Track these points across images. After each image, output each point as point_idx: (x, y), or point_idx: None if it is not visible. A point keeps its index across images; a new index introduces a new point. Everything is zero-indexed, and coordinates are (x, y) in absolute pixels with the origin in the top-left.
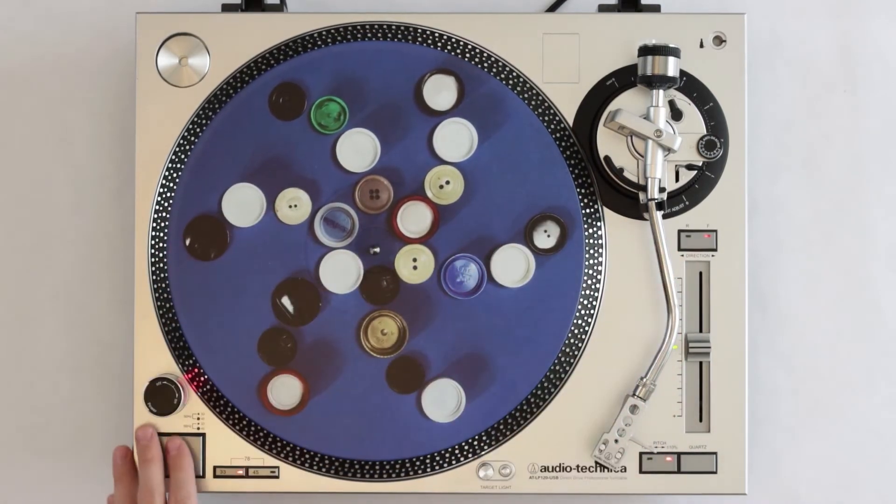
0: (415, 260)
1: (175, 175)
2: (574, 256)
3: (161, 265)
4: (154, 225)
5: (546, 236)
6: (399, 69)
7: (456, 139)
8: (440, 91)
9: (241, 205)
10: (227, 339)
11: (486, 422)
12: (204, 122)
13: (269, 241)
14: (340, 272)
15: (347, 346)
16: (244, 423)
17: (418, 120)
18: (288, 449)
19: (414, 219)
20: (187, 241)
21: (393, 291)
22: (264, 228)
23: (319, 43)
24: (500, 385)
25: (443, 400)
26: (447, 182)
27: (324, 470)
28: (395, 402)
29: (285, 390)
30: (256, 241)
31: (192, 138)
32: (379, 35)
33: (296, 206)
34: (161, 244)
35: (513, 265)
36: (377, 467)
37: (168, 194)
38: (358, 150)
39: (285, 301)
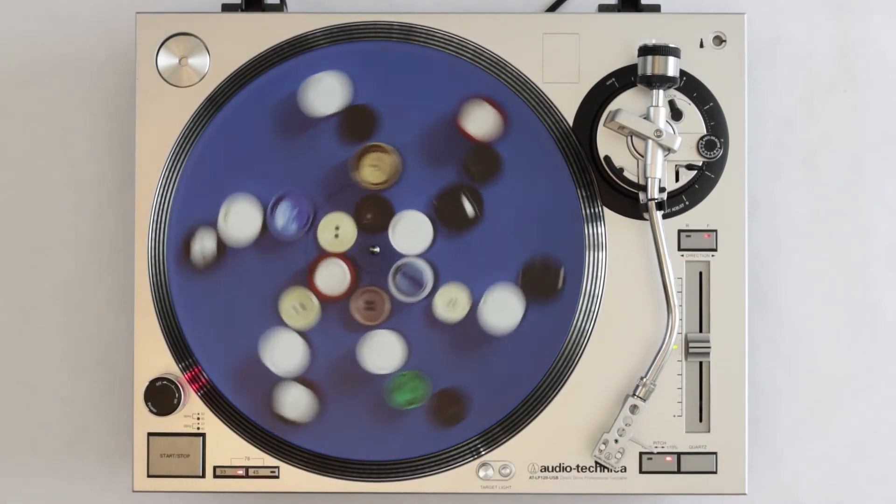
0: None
1: (175, 175)
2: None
3: (161, 265)
4: (154, 225)
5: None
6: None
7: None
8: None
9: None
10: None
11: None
12: (204, 122)
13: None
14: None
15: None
16: (244, 423)
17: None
18: (288, 449)
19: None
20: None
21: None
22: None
23: (322, 41)
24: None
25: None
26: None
27: (324, 470)
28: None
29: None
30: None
31: (192, 138)
32: (380, 35)
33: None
34: (161, 244)
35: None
36: (377, 467)
37: (168, 194)
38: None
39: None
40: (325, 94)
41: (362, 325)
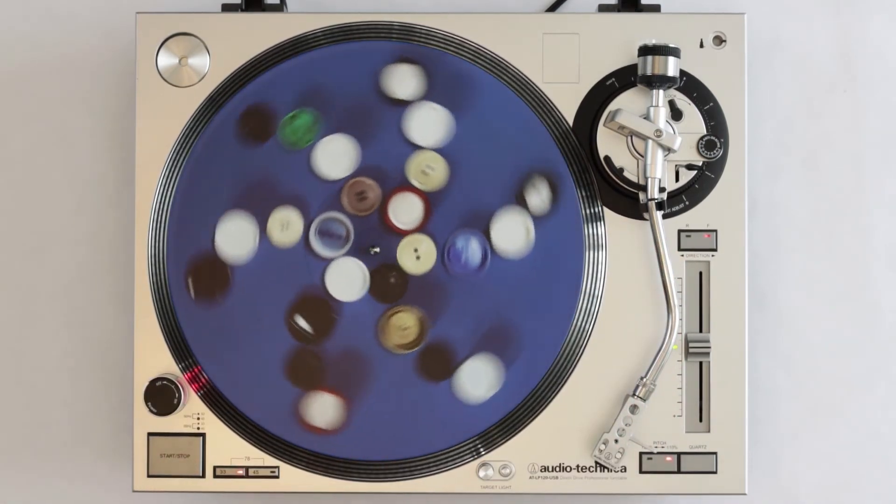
0: (416, 250)
1: (175, 175)
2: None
3: (161, 265)
4: (154, 225)
5: (538, 197)
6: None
7: (429, 124)
8: (404, 80)
9: (235, 236)
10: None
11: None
12: (204, 122)
13: (270, 268)
14: (346, 279)
15: (371, 350)
16: (244, 423)
17: (385, 111)
18: (288, 449)
19: (405, 209)
20: (189, 282)
21: (402, 286)
22: (263, 256)
23: (322, 41)
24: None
25: (477, 378)
26: (430, 168)
27: (324, 470)
28: (425, 394)
29: (323, 410)
30: (257, 271)
31: (192, 138)
32: (380, 35)
33: (287, 226)
34: (161, 244)
35: (513, 232)
36: (377, 467)
37: (168, 194)
38: (335, 156)
39: (300, 320)
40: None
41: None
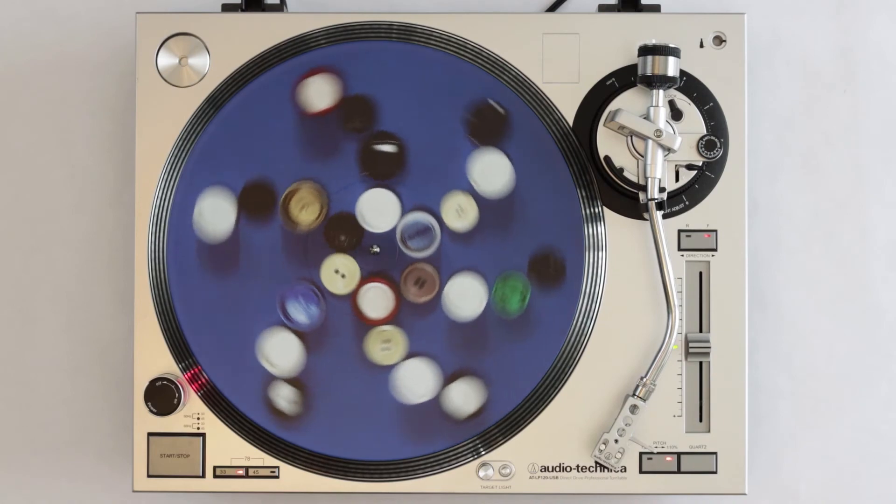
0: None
1: (175, 175)
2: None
3: (161, 265)
4: (154, 225)
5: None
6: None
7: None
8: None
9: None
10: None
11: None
12: (204, 122)
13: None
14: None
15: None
16: (244, 423)
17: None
18: (288, 449)
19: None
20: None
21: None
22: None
23: (322, 41)
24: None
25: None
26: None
27: (324, 470)
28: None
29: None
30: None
31: (192, 138)
32: (380, 35)
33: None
34: (161, 244)
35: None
36: (377, 467)
37: (168, 194)
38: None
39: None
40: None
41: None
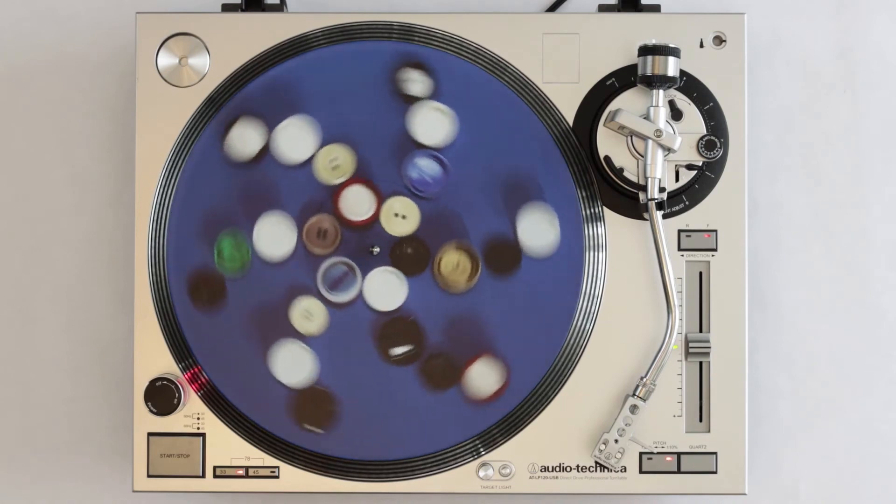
0: (396, 215)
1: (175, 175)
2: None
3: (161, 265)
4: (154, 225)
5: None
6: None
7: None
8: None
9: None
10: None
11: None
12: (204, 122)
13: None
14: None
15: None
16: (244, 423)
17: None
18: (288, 449)
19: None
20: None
21: (421, 254)
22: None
23: (322, 41)
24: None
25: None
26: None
27: (323, 470)
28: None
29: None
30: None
31: (192, 138)
32: (380, 35)
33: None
34: (161, 244)
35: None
36: (377, 467)
37: (168, 194)
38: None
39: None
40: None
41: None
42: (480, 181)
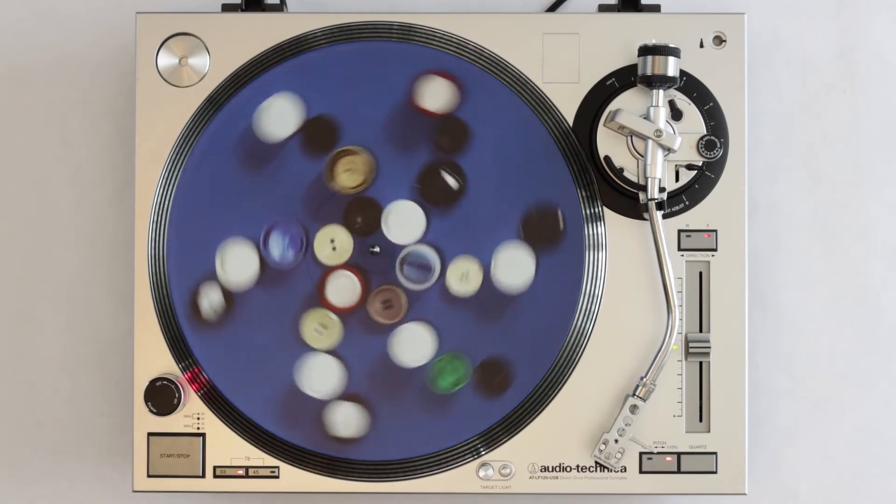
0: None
1: (175, 175)
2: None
3: (161, 265)
4: (154, 225)
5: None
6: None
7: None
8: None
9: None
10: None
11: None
12: (204, 122)
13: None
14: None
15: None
16: (244, 423)
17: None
18: (288, 449)
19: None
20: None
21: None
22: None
23: (322, 41)
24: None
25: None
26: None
27: (324, 470)
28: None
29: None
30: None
31: (192, 138)
32: (380, 35)
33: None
34: (161, 244)
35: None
36: (377, 467)
37: (168, 194)
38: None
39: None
40: (279, 117)
41: (386, 326)
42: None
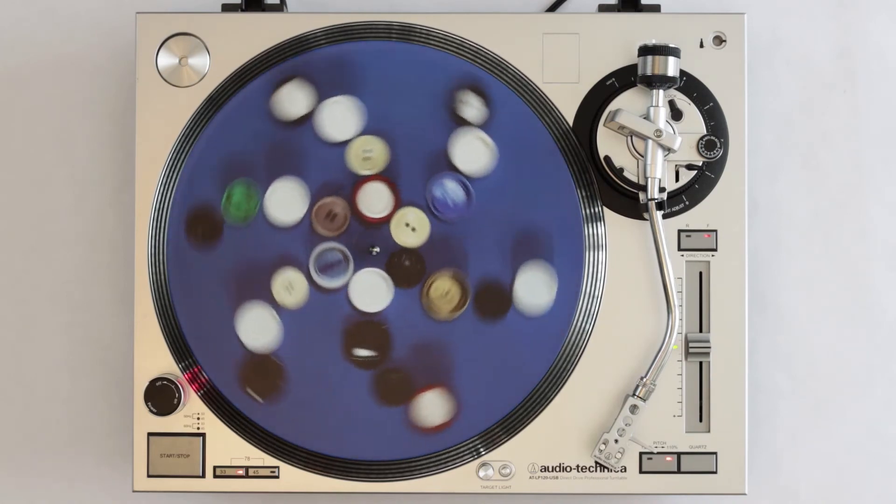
0: (407, 225)
1: (175, 175)
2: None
3: (161, 265)
4: (154, 225)
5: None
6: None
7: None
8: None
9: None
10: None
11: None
12: (204, 122)
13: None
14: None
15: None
16: (244, 423)
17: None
18: (288, 449)
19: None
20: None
21: (418, 266)
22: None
23: (322, 41)
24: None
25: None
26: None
27: (324, 470)
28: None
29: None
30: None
31: (192, 138)
32: (380, 35)
33: (291, 288)
34: (161, 244)
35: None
36: (377, 467)
37: (168, 194)
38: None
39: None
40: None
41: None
42: (498, 224)
